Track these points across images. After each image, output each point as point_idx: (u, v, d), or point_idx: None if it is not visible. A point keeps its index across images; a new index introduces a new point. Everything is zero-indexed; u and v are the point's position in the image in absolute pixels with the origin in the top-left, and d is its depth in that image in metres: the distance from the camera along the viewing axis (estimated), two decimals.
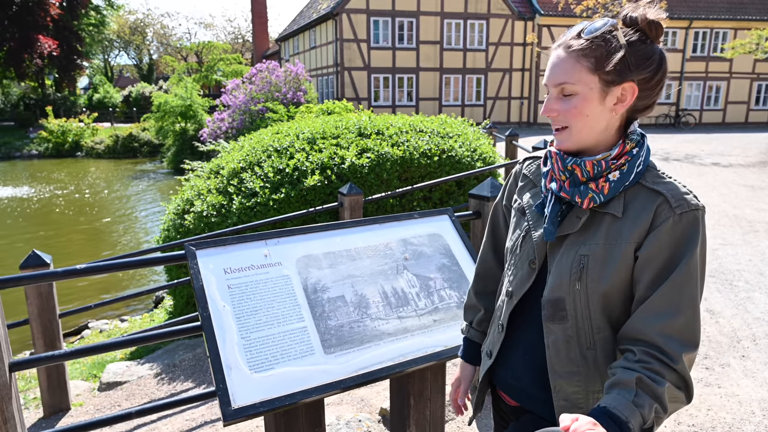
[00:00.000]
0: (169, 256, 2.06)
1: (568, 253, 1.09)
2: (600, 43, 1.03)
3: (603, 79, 1.03)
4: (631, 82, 1.04)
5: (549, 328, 1.12)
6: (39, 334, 3.18)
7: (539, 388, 1.16)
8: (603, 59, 1.03)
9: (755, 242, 5.65)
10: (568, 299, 1.09)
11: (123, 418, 2.15)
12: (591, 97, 1.05)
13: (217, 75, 28.72)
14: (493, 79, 23.09)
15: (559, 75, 1.06)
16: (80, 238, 11.28)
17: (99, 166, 22.80)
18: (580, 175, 1.08)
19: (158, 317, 5.96)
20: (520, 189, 1.28)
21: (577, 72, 1.04)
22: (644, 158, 1.08)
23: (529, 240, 1.18)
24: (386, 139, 4.83)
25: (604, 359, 1.09)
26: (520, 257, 1.19)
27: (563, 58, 1.06)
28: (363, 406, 2.87)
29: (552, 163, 1.14)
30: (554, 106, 1.08)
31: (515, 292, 1.19)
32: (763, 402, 2.81)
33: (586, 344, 1.09)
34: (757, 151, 13.75)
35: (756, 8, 23.38)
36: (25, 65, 28.75)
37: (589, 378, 1.09)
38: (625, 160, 1.06)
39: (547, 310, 1.12)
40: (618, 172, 1.06)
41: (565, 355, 1.10)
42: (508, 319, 1.21)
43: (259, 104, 13.06)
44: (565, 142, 1.09)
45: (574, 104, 1.06)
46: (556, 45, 1.10)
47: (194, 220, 4.42)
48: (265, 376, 1.47)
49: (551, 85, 1.08)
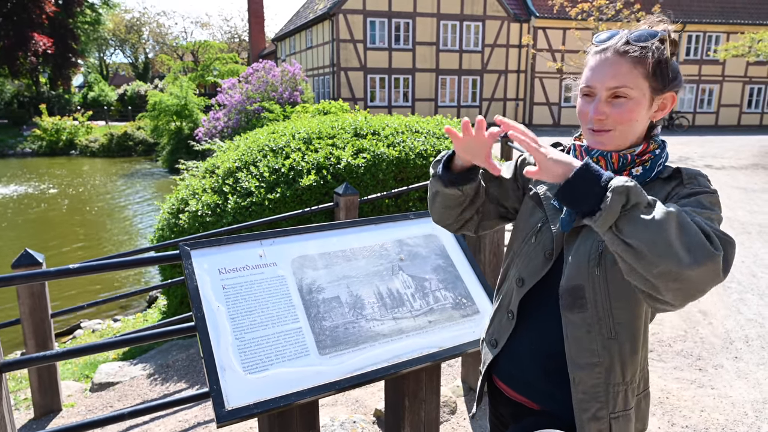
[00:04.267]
0: (164, 256, 2.04)
1: (586, 241, 1.10)
2: (652, 51, 1.06)
3: (652, 87, 1.07)
4: (672, 93, 1.10)
5: (568, 318, 1.11)
6: (30, 334, 3.15)
7: (546, 381, 1.15)
8: (654, 68, 1.06)
9: (748, 244, 5.68)
10: (587, 286, 1.08)
11: (115, 419, 2.13)
12: (643, 103, 1.07)
13: (213, 74, 28.66)
14: (489, 81, 23.15)
15: (615, 78, 1.06)
16: (73, 237, 11.21)
17: (93, 164, 22.68)
18: (605, 167, 1.10)
19: (152, 317, 5.93)
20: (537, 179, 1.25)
21: (634, 77, 1.06)
22: (664, 159, 1.13)
23: (547, 231, 1.17)
24: (382, 139, 4.83)
25: (629, 349, 1.09)
26: (535, 247, 1.19)
27: (618, 62, 1.06)
28: (357, 407, 2.87)
29: (575, 155, 1.17)
30: (605, 109, 1.08)
31: (527, 280, 1.18)
32: (756, 403, 2.82)
33: (608, 334, 1.08)
34: (749, 153, 13.85)
35: (748, 12, 23.56)
36: (19, 63, 28.57)
37: (611, 370, 1.09)
38: (648, 158, 1.10)
39: (566, 299, 1.11)
40: (641, 168, 1.10)
41: (587, 346, 1.09)
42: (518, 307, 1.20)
43: (255, 104, 13.02)
44: (608, 144, 1.10)
45: (628, 108, 1.07)
46: (600, 48, 1.09)
47: (189, 220, 4.40)
48: (260, 377, 1.46)
49: (603, 88, 1.07)
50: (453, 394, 2.88)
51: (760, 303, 4.15)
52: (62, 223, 12.39)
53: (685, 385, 3.01)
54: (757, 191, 8.81)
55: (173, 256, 1.95)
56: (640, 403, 1.15)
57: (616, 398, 1.09)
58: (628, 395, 1.10)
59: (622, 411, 1.10)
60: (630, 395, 1.11)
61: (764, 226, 6.48)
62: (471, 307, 1.84)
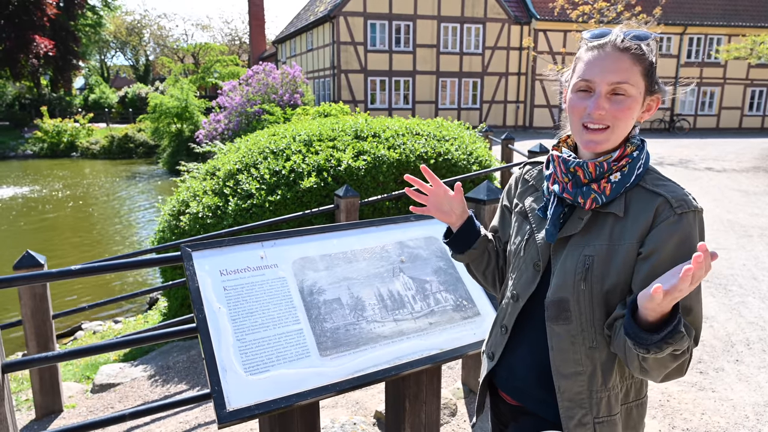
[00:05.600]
0: (165, 258, 2.05)
1: (572, 254, 1.10)
2: (648, 51, 1.06)
3: (646, 86, 1.07)
4: (658, 95, 1.10)
5: (552, 330, 1.12)
6: (32, 335, 3.15)
7: (540, 388, 1.17)
8: (648, 68, 1.07)
9: (749, 247, 5.68)
10: (572, 300, 1.09)
11: (116, 420, 2.13)
12: (639, 101, 1.07)
13: (213, 76, 28.70)
14: (489, 83, 23.16)
15: (617, 73, 1.04)
16: (75, 239, 11.22)
17: (94, 166, 22.70)
18: (582, 177, 1.10)
19: (152, 319, 5.93)
20: (521, 193, 1.29)
21: (635, 74, 1.05)
22: (644, 161, 1.11)
23: (533, 243, 1.19)
24: (383, 141, 4.83)
25: (607, 358, 1.10)
26: (524, 260, 1.20)
27: (619, 58, 1.05)
28: (358, 409, 2.87)
29: (554, 166, 1.15)
30: (605, 104, 1.05)
31: (521, 295, 1.20)
32: (757, 406, 2.82)
33: (590, 343, 1.10)
34: (750, 156, 13.84)
35: (750, 14, 23.57)
36: (20, 65, 28.62)
37: (593, 378, 1.10)
38: (626, 162, 1.09)
39: (551, 311, 1.12)
40: (619, 174, 1.08)
41: (570, 356, 1.11)
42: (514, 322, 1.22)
43: (256, 106, 13.05)
44: (605, 142, 1.08)
45: (627, 105, 1.06)
46: (597, 43, 1.07)
47: (190, 222, 4.40)
48: (261, 378, 1.46)
49: (605, 83, 1.05)
50: (453, 396, 2.88)
51: (761, 306, 4.15)
52: (64, 225, 12.40)
53: (685, 388, 3.01)
54: (759, 194, 8.81)
55: (174, 257, 1.95)
56: (632, 411, 1.15)
57: (600, 404, 1.10)
58: (611, 401, 1.11)
59: (606, 416, 1.11)
60: (613, 401, 1.11)
61: (765, 228, 6.47)
62: (471, 309, 1.84)
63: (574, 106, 1.09)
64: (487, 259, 1.35)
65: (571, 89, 1.11)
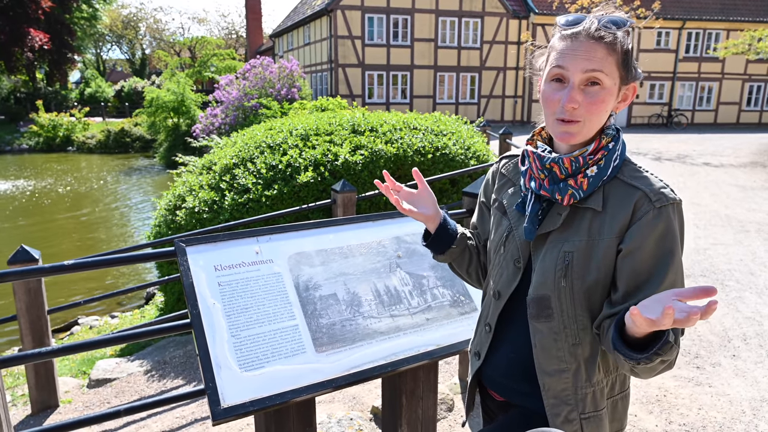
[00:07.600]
0: (160, 253, 2.03)
1: (552, 250, 1.09)
2: (624, 38, 1.02)
3: (620, 76, 1.03)
4: (635, 84, 1.06)
5: (535, 327, 1.12)
6: (27, 330, 3.14)
7: (524, 382, 1.17)
8: (623, 56, 1.02)
9: (746, 242, 5.69)
10: (553, 297, 1.08)
11: (112, 415, 2.12)
12: (614, 91, 1.04)
13: (210, 70, 28.52)
14: (487, 78, 23.11)
15: (591, 62, 0.99)
16: (70, 234, 11.18)
17: (90, 161, 22.61)
18: (559, 173, 1.08)
19: (149, 314, 5.92)
20: (499, 188, 1.27)
21: (609, 64, 1.01)
22: (620, 152, 1.09)
23: (513, 240, 1.17)
24: (380, 136, 4.81)
25: (590, 354, 1.10)
26: (505, 257, 1.19)
27: (594, 46, 1.00)
28: (355, 404, 2.86)
29: (530, 162, 1.13)
30: (578, 97, 1.01)
31: (503, 292, 1.19)
32: (754, 401, 2.83)
33: (573, 340, 1.09)
34: (748, 151, 13.85)
35: (748, 9, 23.54)
36: (15, 59, 28.41)
37: (577, 374, 1.10)
38: (602, 155, 1.07)
39: (533, 308, 1.11)
40: (595, 167, 1.06)
41: (554, 354, 1.10)
42: (497, 320, 1.21)
43: (253, 100, 12.98)
44: (577, 135, 1.05)
45: (601, 97, 1.02)
46: (570, 32, 1.02)
47: (186, 216, 4.38)
48: (256, 374, 1.45)
49: (578, 71, 1.00)
50: (450, 392, 2.88)
51: (758, 301, 4.15)
52: (59, 220, 12.34)
53: (682, 383, 3.01)
54: (756, 189, 8.82)
55: (169, 252, 1.94)
56: (617, 404, 1.16)
57: (585, 400, 1.10)
58: (597, 396, 1.11)
59: (592, 412, 1.10)
60: (599, 396, 1.11)
61: (762, 224, 6.48)
62: (469, 305, 1.83)
63: (547, 98, 1.06)
64: (468, 257, 1.34)
65: (544, 79, 1.08)
